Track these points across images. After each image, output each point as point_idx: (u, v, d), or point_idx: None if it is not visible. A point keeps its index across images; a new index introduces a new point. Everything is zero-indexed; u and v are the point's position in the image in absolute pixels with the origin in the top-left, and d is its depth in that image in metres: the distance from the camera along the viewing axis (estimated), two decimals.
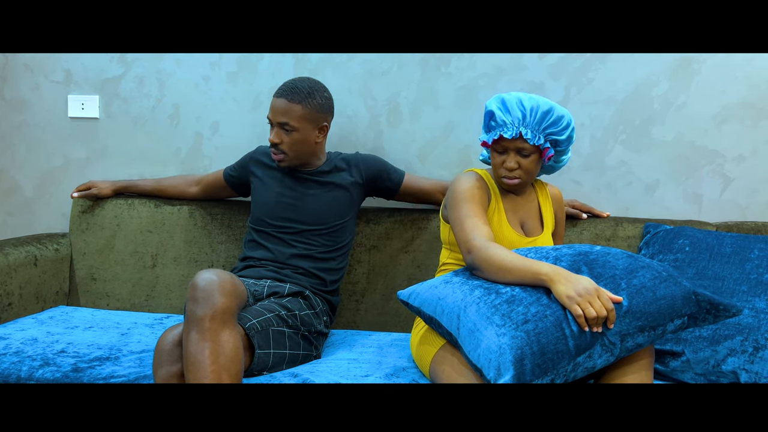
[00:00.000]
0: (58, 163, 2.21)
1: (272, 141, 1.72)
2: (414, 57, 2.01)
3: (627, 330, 1.21)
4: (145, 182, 2.06)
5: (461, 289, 1.32)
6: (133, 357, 1.57)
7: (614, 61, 1.94)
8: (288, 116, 1.69)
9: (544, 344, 1.17)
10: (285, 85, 1.72)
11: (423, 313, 1.37)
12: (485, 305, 1.25)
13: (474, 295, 1.29)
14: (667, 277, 1.27)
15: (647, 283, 1.25)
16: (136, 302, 2.03)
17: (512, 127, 1.44)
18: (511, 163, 1.47)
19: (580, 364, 1.20)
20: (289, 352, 1.53)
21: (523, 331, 1.18)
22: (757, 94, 1.90)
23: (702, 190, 1.95)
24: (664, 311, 1.24)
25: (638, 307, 1.22)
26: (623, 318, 1.21)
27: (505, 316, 1.22)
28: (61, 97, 2.18)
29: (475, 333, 1.23)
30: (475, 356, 1.22)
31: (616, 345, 1.22)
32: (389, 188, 1.86)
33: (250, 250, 1.78)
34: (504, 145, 1.47)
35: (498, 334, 1.19)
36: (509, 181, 1.49)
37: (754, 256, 1.62)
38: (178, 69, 2.12)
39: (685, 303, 1.25)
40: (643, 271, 1.28)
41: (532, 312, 1.21)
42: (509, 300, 1.25)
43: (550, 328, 1.19)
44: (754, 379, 1.44)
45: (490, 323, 1.22)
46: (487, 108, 1.48)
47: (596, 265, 1.30)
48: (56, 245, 2.05)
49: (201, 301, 1.34)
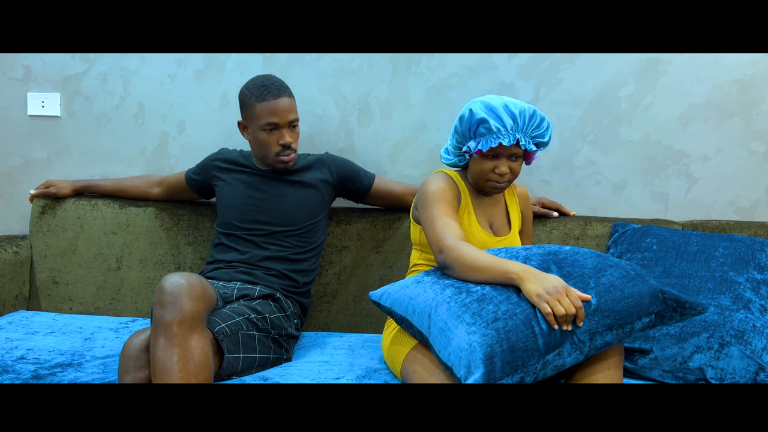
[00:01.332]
0: (16, 163, 2.14)
1: (288, 142, 1.69)
2: (384, 56, 2.00)
3: (596, 328, 1.22)
4: (106, 182, 2.01)
5: (432, 289, 1.32)
6: (96, 363, 1.53)
7: (583, 61, 1.96)
8: (294, 111, 1.71)
9: (513, 342, 1.18)
10: (272, 85, 1.69)
11: (394, 313, 1.37)
12: (456, 304, 1.26)
13: (445, 294, 1.29)
14: (635, 276, 1.29)
15: (615, 281, 1.27)
16: (100, 306, 1.98)
17: (509, 135, 1.42)
18: (504, 168, 1.46)
19: (550, 362, 1.20)
20: (259, 355, 1.50)
21: (493, 329, 1.19)
22: (721, 95, 1.94)
23: (668, 189, 1.99)
24: (632, 309, 1.25)
25: (607, 306, 1.23)
26: (592, 316, 1.22)
27: (475, 315, 1.22)
28: (20, 94, 2.11)
29: (446, 332, 1.23)
30: (446, 354, 1.22)
31: (585, 343, 1.23)
32: (359, 190, 1.85)
33: (220, 253, 1.75)
34: (497, 152, 1.45)
35: (468, 332, 1.19)
36: (499, 185, 1.48)
37: (719, 254, 1.66)
38: (142, 66, 2.07)
39: (652, 301, 1.27)
40: (611, 270, 1.29)
41: (502, 310, 1.22)
42: (479, 299, 1.25)
43: (519, 326, 1.19)
44: (720, 375, 1.46)
45: (461, 322, 1.22)
46: (475, 115, 1.43)
47: (565, 264, 1.31)
48: (15, 247, 1.98)
49: (169, 306, 1.31)
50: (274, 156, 1.71)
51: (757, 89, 1.93)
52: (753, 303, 1.56)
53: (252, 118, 1.69)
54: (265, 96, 1.67)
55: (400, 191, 1.87)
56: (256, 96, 1.68)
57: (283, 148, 1.70)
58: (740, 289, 1.58)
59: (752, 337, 1.49)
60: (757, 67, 1.92)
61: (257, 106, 1.67)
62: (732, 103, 1.94)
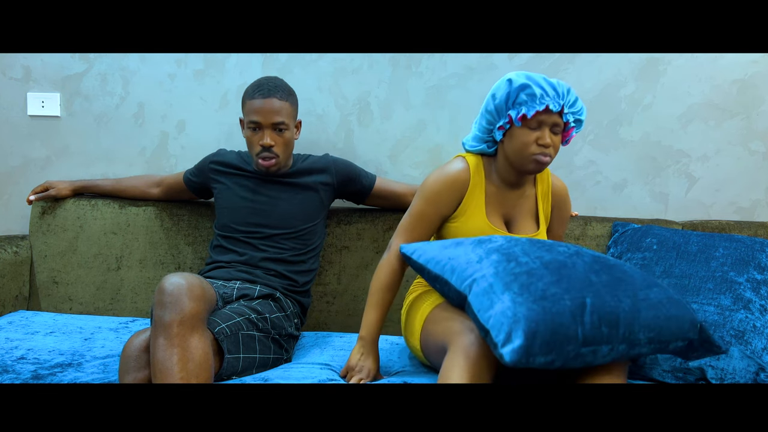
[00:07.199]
0: (16, 162, 2.14)
1: (267, 144, 1.66)
2: (384, 56, 2.00)
3: (638, 339, 1.22)
4: (105, 182, 2.01)
5: (475, 252, 1.31)
6: (96, 363, 1.53)
7: (583, 61, 1.96)
8: (282, 115, 1.66)
9: (557, 324, 1.16)
10: (267, 85, 1.68)
11: (427, 270, 1.36)
12: (504, 271, 1.24)
13: (491, 259, 1.27)
14: (679, 300, 1.29)
15: (663, 300, 1.27)
16: (100, 306, 1.98)
17: (555, 100, 1.38)
18: (548, 139, 1.39)
19: (583, 355, 1.19)
20: (259, 356, 1.50)
21: (540, 306, 1.17)
22: (721, 95, 1.94)
23: (668, 189, 1.99)
24: (674, 330, 1.25)
25: (655, 321, 1.23)
26: (638, 326, 1.21)
27: (523, 287, 1.20)
28: (19, 94, 2.11)
29: (491, 295, 1.21)
30: (486, 317, 1.19)
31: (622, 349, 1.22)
32: (360, 192, 1.85)
33: (218, 255, 1.75)
34: (540, 120, 1.39)
35: (515, 302, 1.17)
36: (543, 159, 1.41)
37: (719, 255, 1.66)
38: (142, 66, 2.07)
39: (691, 327, 1.27)
40: (657, 288, 1.28)
41: (551, 291, 1.20)
42: (528, 272, 1.23)
43: (565, 312, 1.18)
44: (720, 376, 1.46)
45: (508, 289, 1.20)
46: (515, 83, 1.39)
47: (616, 270, 1.29)
48: (15, 248, 1.98)
49: (169, 306, 1.31)
50: (255, 156, 1.70)
51: (757, 89, 1.93)
52: (753, 303, 1.56)
53: (244, 114, 1.70)
54: (255, 94, 1.67)
55: (402, 191, 1.87)
56: (249, 93, 1.69)
57: (262, 149, 1.68)
58: (740, 289, 1.58)
59: (752, 337, 1.49)
60: (757, 67, 1.92)
61: (247, 102, 1.68)
62: (732, 103, 1.94)
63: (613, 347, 1.21)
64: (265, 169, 1.71)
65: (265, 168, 1.70)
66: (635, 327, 1.21)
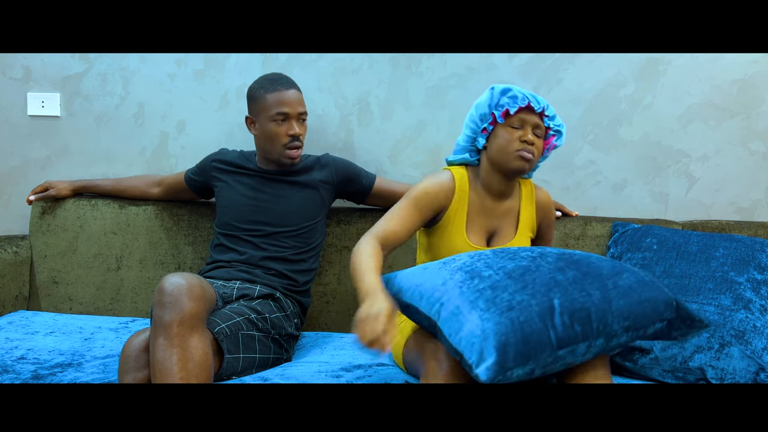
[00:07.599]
0: (16, 162, 2.14)
1: (297, 133, 1.70)
2: (384, 56, 2.00)
3: (614, 330, 1.22)
4: (105, 182, 2.01)
5: (440, 274, 1.30)
6: (96, 363, 1.53)
7: (583, 61, 1.96)
8: (303, 106, 1.73)
9: (527, 333, 1.15)
10: (282, 77, 1.72)
11: (398, 300, 1.34)
12: (468, 289, 1.23)
13: (455, 279, 1.26)
14: (650, 282, 1.28)
15: (633, 285, 1.26)
16: (100, 306, 1.98)
17: (535, 101, 1.45)
18: (530, 137, 1.45)
19: (562, 357, 1.19)
20: (259, 356, 1.50)
21: (507, 318, 1.16)
22: (721, 95, 1.94)
23: (668, 189, 1.99)
24: (649, 313, 1.25)
25: (627, 308, 1.22)
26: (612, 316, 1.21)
27: (489, 302, 1.19)
28: (19, 94, 2.11)
29: (458, 316, 1.20)
30: (457, 339, 1.19)
31: (601, 343, 1.22)
32: (360, 191, 1.85)
33: (219, 254, 1.75)
34: (522, 118, 1.45)
35: (482, 318, 1.17)
36: (527, 154, 1.45)
37: (719, 255, 1.66)
38: (142, 66, 2.07)
39: (666, 308, 1.27)
40: (627, 274, 1.28)
41: (516, 300, 1.19)
42: (492, 286, 1.23)
43: (534, 318, 1.17)
44: (720, 375, 1.46)
45: (474, 307, 1.19)
46: (497, 88, 1.47)
47: (582, 264, 1.28)
48: (15, 248, 1.98)
49: (168, 306, 1.31)
50: (281, 148, 1.71)
51: (757, 89, 1.93)
52: (753, 303, 1.56)
53: (262, 110, 1.70)
54: (276, 87, 1.69)
55: (402, 191, 1.87)
56: (266, 88, 1.70)
57: (291, 139, 1.70)
58: (740, 289, 1.58)
59: (752, 337, 1.49)
60: (757, 67, 1.92)
61: (268, 96, 1.68)
62: (732, 103, 1.94)
63: (591, 343, 1.21)
64: (291, 161, 1.73)
65: (292, 159, 1.73)
66: (609, 318, 1.20)
